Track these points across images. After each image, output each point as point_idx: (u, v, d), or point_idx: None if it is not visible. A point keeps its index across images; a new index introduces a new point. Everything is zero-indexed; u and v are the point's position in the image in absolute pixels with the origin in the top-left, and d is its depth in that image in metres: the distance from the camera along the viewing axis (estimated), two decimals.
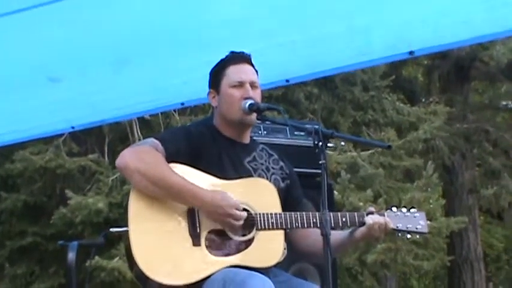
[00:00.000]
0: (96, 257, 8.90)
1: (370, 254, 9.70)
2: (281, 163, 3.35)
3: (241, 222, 2.95)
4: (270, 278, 2.87)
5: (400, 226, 3.21)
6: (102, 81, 4.47)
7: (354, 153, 10.81)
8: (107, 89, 4.59)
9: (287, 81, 4.58)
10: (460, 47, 11.44)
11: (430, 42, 3.97)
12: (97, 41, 3.96)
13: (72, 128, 5.31)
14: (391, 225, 3.16)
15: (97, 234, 9.23)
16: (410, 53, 3.99)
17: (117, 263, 9.18)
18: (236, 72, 3.21)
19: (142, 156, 2.96)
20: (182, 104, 4.97)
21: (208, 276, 2.87)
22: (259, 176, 3.20)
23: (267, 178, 3.22)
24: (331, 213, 3.06)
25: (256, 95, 3.20)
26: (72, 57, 4.11)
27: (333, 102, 12.30)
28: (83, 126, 5.48)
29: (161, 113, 10.23)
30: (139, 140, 9.39)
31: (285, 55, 4.14)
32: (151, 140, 3.05)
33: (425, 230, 3.25)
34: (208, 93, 3.31)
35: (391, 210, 3.23)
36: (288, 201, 3.23)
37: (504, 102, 15.68)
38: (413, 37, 3.92)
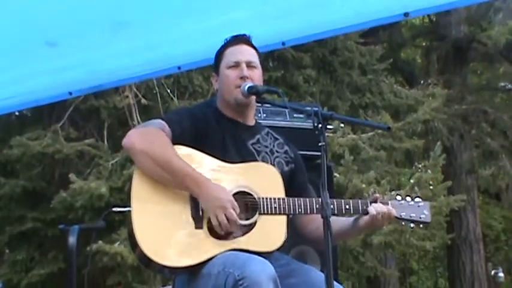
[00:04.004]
0: (99, 242, 8.91)
1: (376, 235, 9.74)
2: (286, 147, 3.33)
3: (229, 225, 2.88)
4: (271, 262, 2.85)
5: (404, 215, 3.23)
6: (99, 46, 4.38)
7: (355, 136, 10.80)
8: (103, 54, 4.51)
9: (283, 43, 4.50)
10: (457, 7, 11.38)
11: (425, 3, 3.90)
12: (94, 4, 3.86)
13: (70, 94, 5.18)
14: (395, 214, 3.17)
15: (98, 218, 9.23)
16: (405, 14, 3.92)
17: (119, 247, 9.19)
18: (232, 53, 3.21)
19: (149, 138, 2.95)
20: (179, 68, 4.92)
21: (210, 259, 2.87)
22: (263, 158, 3.19)
23: (271, 161, 3.21)
24: (335, 200, 3.06)
25: (254, 75, 3.18)
26: (68, 20, 4.00)
27: (330, 85, 12.27)
28: (81, 92, 5.38)
29: (160, 98, 10.21)
30: (139, 124, 9.36)
31: (281, 16, 4.06)
32: (159, 121, 3.03)
33: (429, 219, 3.27)
34: (212, 77, 3.32)
35: (396, 199, 3.25)
36: (292, 186, 3.21)
37: (502, 83, 15.70)
38: None
